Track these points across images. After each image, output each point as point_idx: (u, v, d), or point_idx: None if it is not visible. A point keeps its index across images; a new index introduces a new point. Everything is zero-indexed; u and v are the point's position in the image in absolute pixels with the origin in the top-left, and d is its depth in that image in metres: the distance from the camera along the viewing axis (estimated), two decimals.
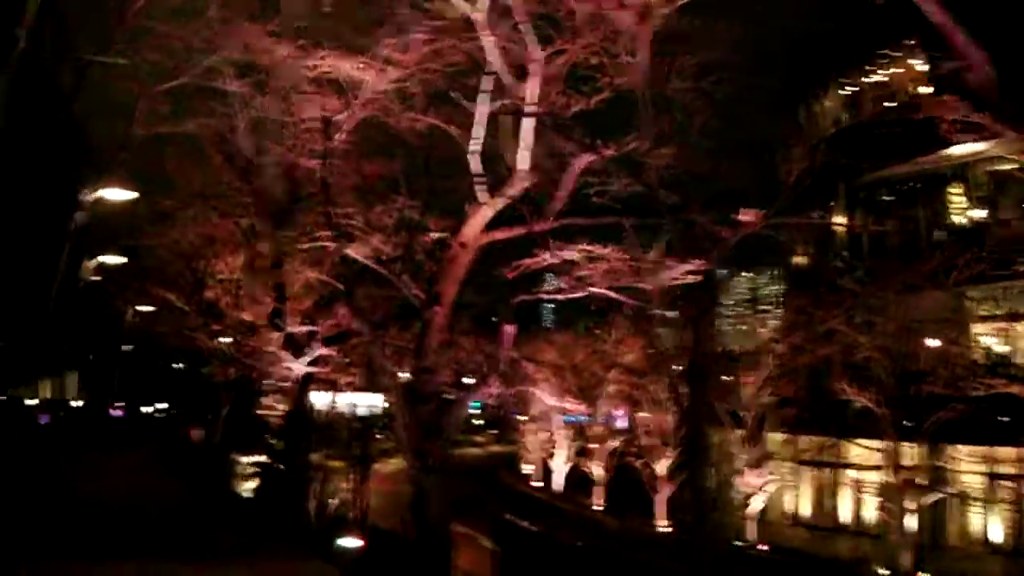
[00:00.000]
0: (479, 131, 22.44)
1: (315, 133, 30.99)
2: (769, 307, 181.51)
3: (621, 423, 70.64)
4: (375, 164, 32.21)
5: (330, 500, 35.52)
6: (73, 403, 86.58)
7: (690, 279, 24.84)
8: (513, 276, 25.56)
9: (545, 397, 25.84)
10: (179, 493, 36.54)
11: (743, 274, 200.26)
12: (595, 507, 62.96)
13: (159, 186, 44.93)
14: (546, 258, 24.68)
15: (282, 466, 38.98)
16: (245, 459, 40.86)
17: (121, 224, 47.85)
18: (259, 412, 48.78)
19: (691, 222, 25.34)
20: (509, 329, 23.84)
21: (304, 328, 31.90)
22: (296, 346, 32.29)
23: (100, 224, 47.92)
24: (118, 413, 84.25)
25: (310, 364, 32.00)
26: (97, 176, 35.31)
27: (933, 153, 51.81)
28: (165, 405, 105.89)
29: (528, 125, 22.35)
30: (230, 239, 47.69)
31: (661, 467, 55.47)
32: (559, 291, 25.05)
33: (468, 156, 22.29)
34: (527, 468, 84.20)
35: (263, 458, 40.72)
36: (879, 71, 64.02)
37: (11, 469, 35.45)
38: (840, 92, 66.90)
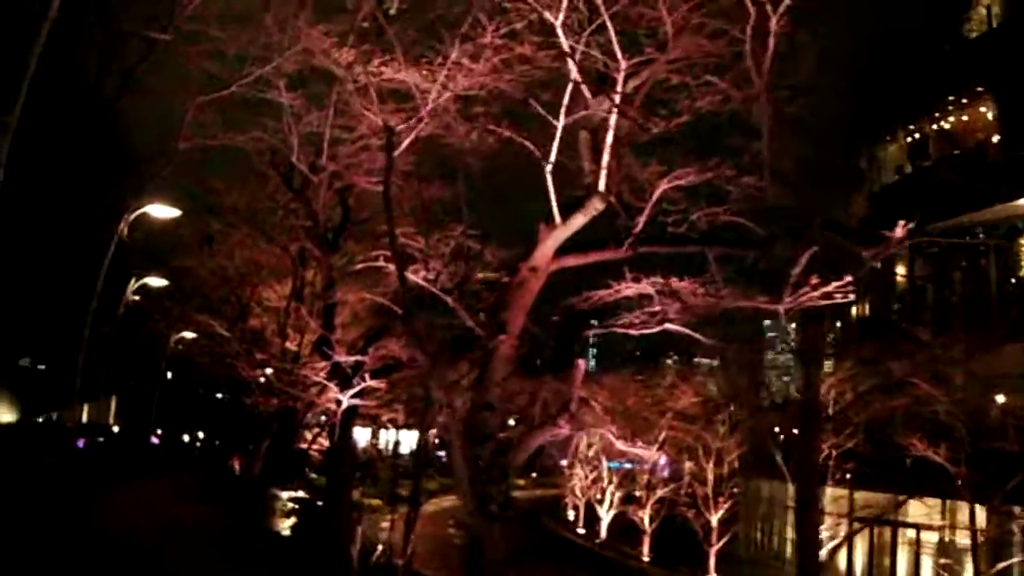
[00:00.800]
0: (554, 147, 20.21)
1: (372, 151, 29.20)
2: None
3: (665, 471, 68.33)
4: (433, 187, 30.21)
5: (374, 543, 33.35)
6: (113, 428, 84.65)
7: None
8: (580, 309, 23.31)
9: (618, 442, 23.22)
10: (215, 528, 34.17)
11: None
12: (643, 557, 60.08)
13: (205, 207, 43.36)
14: (619, 289, 22.40)
15: (321, 503, 36.91)
16: (285, 494, 38.66)
17: (165, 245, 46.26)
18: (300, 446, 46.88)
19: (778, 253, 22.83)
20: (581, 364, 21.52)
21: (351, 358, 29.67)
22: (342, 377, 30.09)
23: (143, 243, 46.36)
24: (156, 441, 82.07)
25: (355, 396, 29.72)
26: (140, 190, 33.60)
27: (1004, 203, 49.16)
28: (202, 434, 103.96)
29: (609, 141, 20.10)
30: (277, 265, 46.04)
31: (714, 518, 52.65)
32: (631, 325, 22.61)
33: (546, 173, 20.02)
34: (570, 513, 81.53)
35: (302, 494, 38.58)
36: (946, 118, 61.38)
37: (37, 499, 33.32)
38: (905, 139, 64.38)
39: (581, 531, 73.40)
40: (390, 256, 25.48)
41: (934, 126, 61.88)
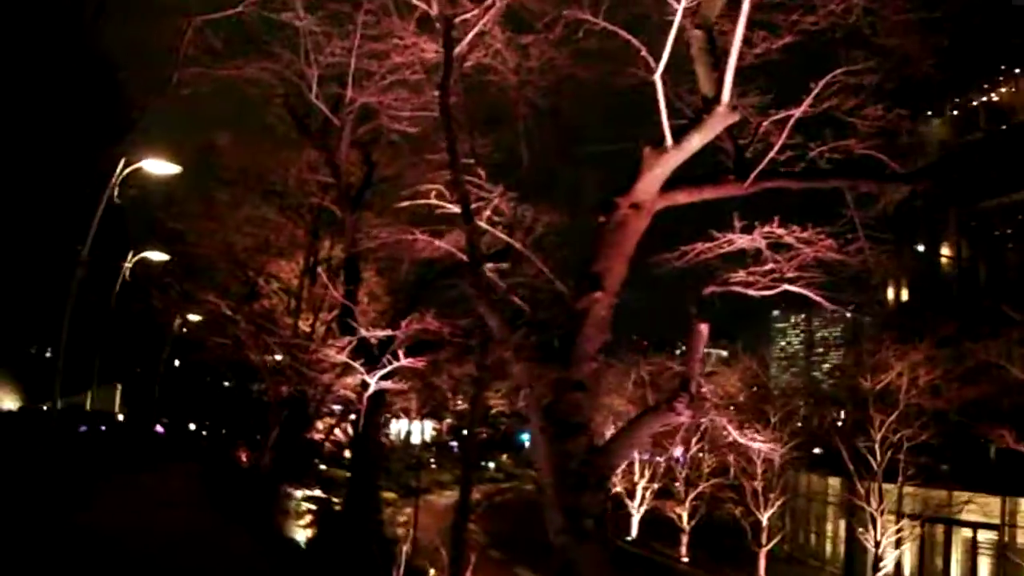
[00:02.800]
0: (670, 38, 14.56)
1: (407, 87, 23.70)
2: (822, 350, 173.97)
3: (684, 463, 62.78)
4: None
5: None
6: (119, 416, 79.55)
7: None
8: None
9: (732, 430, 17.42)
10: (218, 533, 28.24)
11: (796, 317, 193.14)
12: (682, 558, 54.24)
13: (207, 169, 37.85)
14: (730, 240, 16.94)
15: (337, 502, 31.40)
16: (299, 493, 32.93)
17: (164, 215, 40.55)
18: (313, 436, 41.39)
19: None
20: (704, 329, 15.78)
21: (380, 333, 23.92)
22: (369, 356, 24.35)
23: (141, 211, 41.02)
24: (160, 429, 76.62)
25: (385, 378, 23.98)
26: (130, 134, 28.07)
27: None
28: (209, 423, 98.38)
29: (738, 39, 14.38)
30: (288, 239, 40.62)
31: (764, 516, 46.98)
32: (749, 284, 16.95)
33: (655, 78, 14.28)
34: None
35: (319, 493, 32.86)
36: (994, 90, 55.87)
37: (23, 491, 27.79)
38: (950, 112, 58.78)
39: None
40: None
41: (983, 99, 56.43)
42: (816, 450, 52.95)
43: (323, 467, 55.12)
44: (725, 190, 16.34)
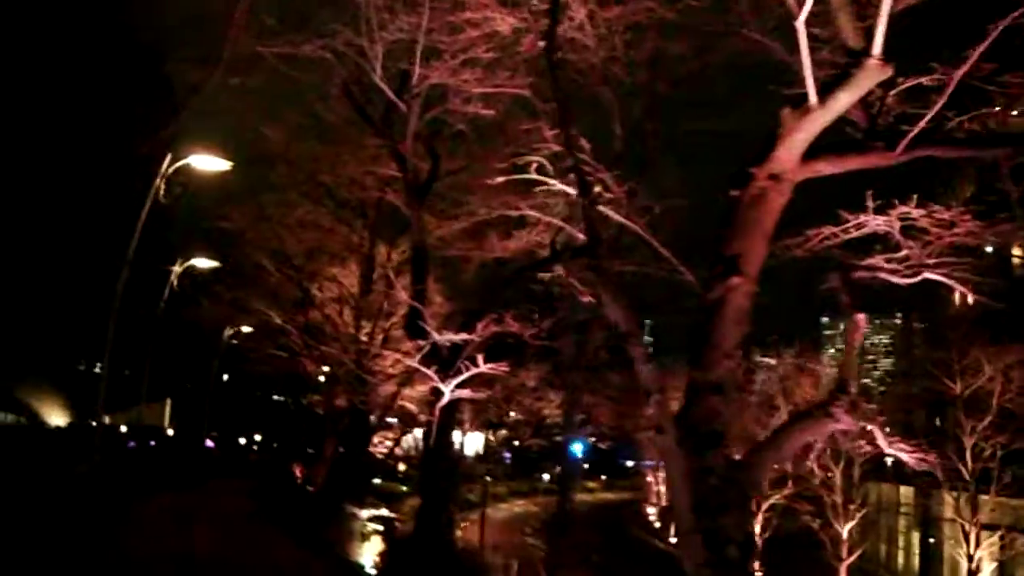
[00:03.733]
0: None
1: (478, 68, 21.31)
2: (872, 357, 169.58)
3: None
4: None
5: None
6: (168, 431, 77.95)
7: None
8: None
9: (880, 438, 14.66)
10: (281, 559, 25.62)
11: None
12: (756, 572, 51.22)
13: (259, 175, 35.78)
14: (863, 223, 14.38)
15: (397, 518, 28.95)
16: (364, 513, 30.42)
17: (213, 217, 38.39)
18: (373, 451, 39.08)
19: None
20: (861, 320, 13.17)
21: (455, 336, 21.39)
22: (442, 363, 21.84)
23: (186, 211, 39.03)
24: (210, 444, 74.75)
25: (461, 386, 21.49)
26: (176, 128, 25.93)
27: None
28: (259, 437, 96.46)
29: None
30: (343, 246, 38.38)
31: (844, 528, 43.96)
32: (894, 271, 14.35)
33: (796, 24, 11.73)
34: (652, 519, 73.22)
35: (385, 512, 30.35)
36: None
37: (58, 513, 25.60)
38: None
39: (673, 540, 64.49)
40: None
41: None
42: (888, 459, 49.92)
43: (376, 480, 52.83)
44: (871, 159, 13.77)
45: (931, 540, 50.85)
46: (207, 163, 26.82)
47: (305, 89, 25.94)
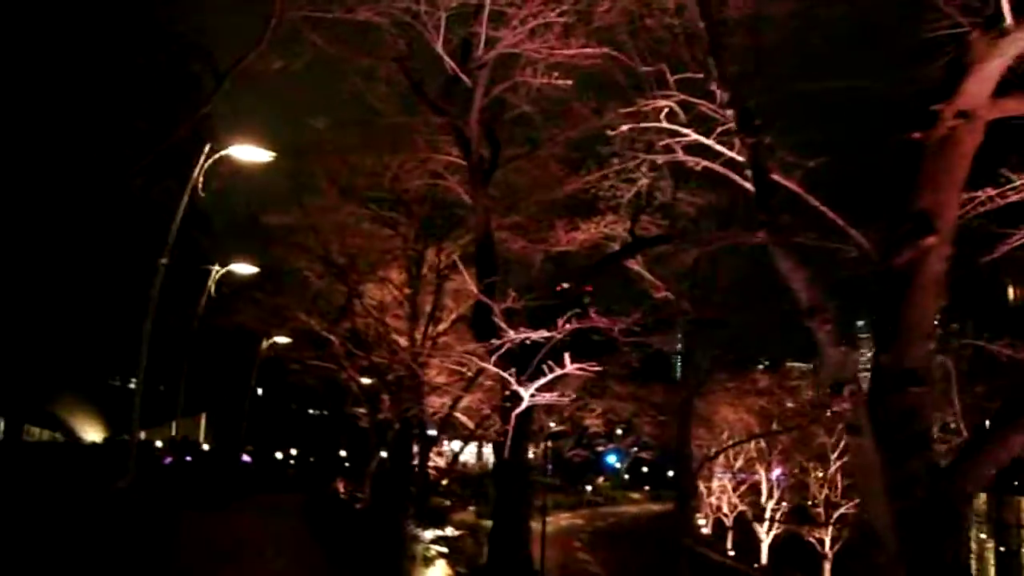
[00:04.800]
0: None
1: (550, 34, 18.80)
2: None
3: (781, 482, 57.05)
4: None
5: None
6: (204, 446, 75.89)
7: None
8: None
9: None
10: None
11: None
12: None
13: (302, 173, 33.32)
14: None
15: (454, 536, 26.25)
16: (427, 534, 27.65)
17: (253, 218, 35.94)
18: (429, 465, 36.52)
19: None
20: None
21: (533, 334, 18.74)
22: (516, 364, 19.21)
23: (224, 212, 36.69)
24: (247, 459, 72.53)
25: (543, 388, 18.87)
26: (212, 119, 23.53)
27: None
28: (295, 451, 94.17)
29: None
30: (387, 248, 35.90)
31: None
32: None
33: None
34: (704, 529, 70.10)
35: (451, 531, 27.63)
36: None
37: (88, 536, 23.14)
38: None
39: (732, 554, 61.35)
40: None
41: None
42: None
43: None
44: None
45: (1002, 548, 48.10)
46: (248, 154, 24.32)
47: (352, 74, 23.30)
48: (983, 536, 50.07)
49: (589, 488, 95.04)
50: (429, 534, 27.73)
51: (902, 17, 13.17)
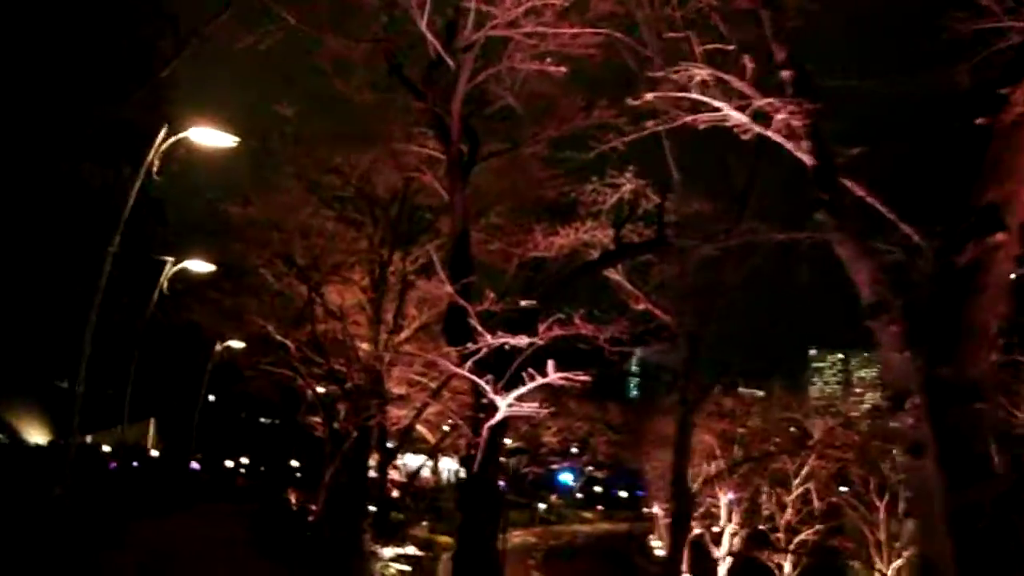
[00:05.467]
0: None
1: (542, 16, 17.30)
2: (860, 390, 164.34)
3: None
4: None
5: None
6: (152, 452, 73.46)
7: None
8: None
9: None
10: None
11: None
12: None
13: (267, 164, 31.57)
14: None
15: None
16: (387, 552, 25.79)
17: (211, 214, 33.95)
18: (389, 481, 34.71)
19: None
20: None
21: (512, 339, 17.04)
22: (492, 370, 17.49)
23: (180, 203, 34.85)
24: (196, 466, 70.19)
25: (521, 399, 17.22)
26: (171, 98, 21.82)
27: None
28: (246, 461, 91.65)
29: None
30: (352, 249, 34.19)
31: (890, 570, 39.53)
32: None
33: None
34: (659, 552, 68.50)
35: (412, 550, 25.74)
36: None
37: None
38: None
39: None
40: None
41: None
42: None
43: (372, 508, 48.32)
44: None
45: None
46: (209, 138, 22.47)
47: (325, 56, 21.66)
48: None
49: (542, 506, 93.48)
50: (389, 551, 25.87)
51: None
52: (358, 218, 34.13)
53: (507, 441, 60.98)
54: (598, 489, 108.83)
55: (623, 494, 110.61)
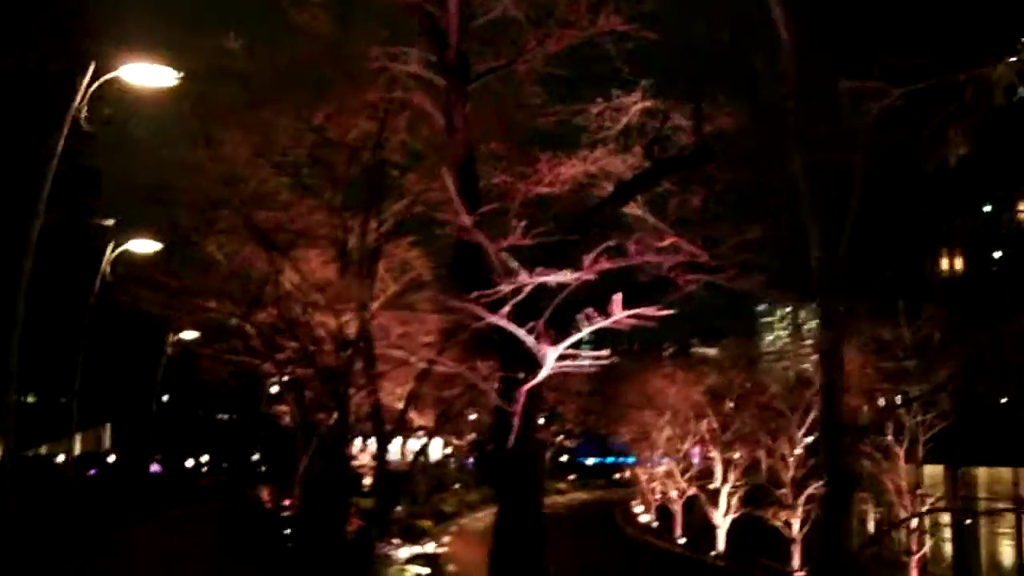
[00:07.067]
0: None
1: None
2: (811, 341, 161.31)
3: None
4: None
5: None
6: (109, 458, 68.97)
7: None
8: None
9: None
10: None
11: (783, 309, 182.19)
12: (796, 573, 43.00)
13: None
14: None
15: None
16: (402, 553, 21.75)
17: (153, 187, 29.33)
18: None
19: None
20: None
21: (550, 277, 13.18)
22: (523, 317, 13.59)
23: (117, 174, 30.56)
24: (157, 468, 65.76)
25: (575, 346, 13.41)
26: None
27: None
28: (206, 458, 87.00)
29: None
30: (310, 219, 30.02)
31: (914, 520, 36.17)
32: None
33: None
34: (643, 517, 65.40)
35: (432, 548, 21.81)
36: None
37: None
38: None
39: (682, 541, 56.24)
40: None
41: None
42: None
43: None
44: None
45: None
46: (146, 75, 18.17)
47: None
48: None
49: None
50: (405, 553, 21.85)
51: None
52: (315, 183, 29.90)
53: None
54: (564, 458, 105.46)
55: (590, 462, 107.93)
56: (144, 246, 29.20)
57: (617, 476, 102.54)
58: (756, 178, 20.56)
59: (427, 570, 20.39)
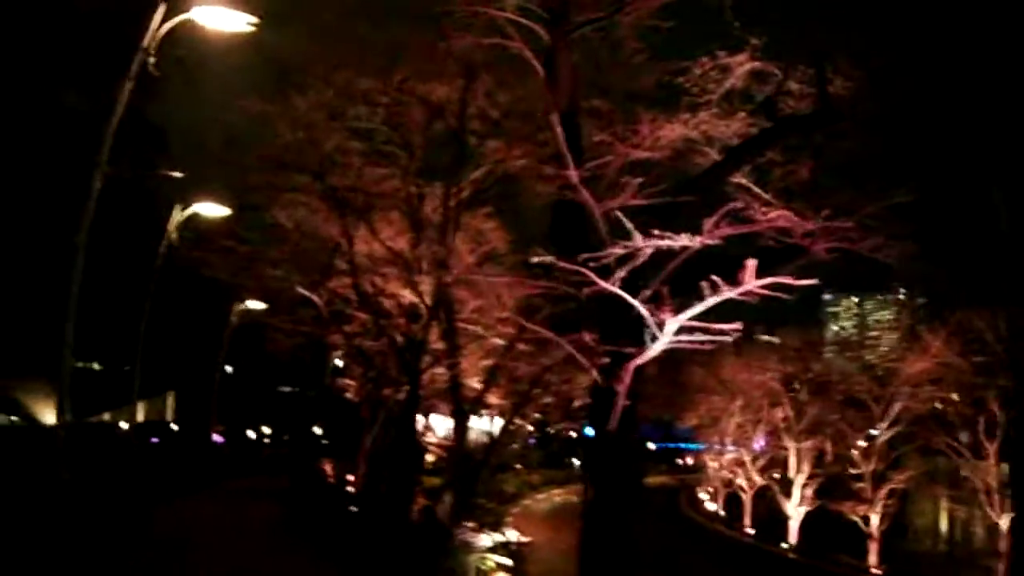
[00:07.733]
0: None
1: None
2: (876, 333, 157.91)
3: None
4: None
5: None
6: (173, 427, 68.45)
7: None
8: None
9: None
10: None
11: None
12: (873, 569, 41.02)
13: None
14: None
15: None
16: (481, 540, 20.23)
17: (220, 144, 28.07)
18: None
19: None
20: None
21: (668, 241, 11.58)
22: (630, 287, 12.01)
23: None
24: (219, 439, 64.99)
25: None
26: None
27: None
28: (268, 430, 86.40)
29: None
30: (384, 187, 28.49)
31: (1003, 520, 34.04)
32: None
33: None
34: (709, 505, 63.64)
35: (514, 535, 20.34)
36: None
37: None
38: None
39: (750, 531, 54.38)
40: None
41: None
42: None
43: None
44: None
45: None
46: (220, 19, 16.73)
47: None
48: None
49: (577, 462, 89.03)
50: (484, 540, 20.27)
51: None
52: (391, 149, 28.41)
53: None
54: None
55: (652, 447, 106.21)
56: (212, 210, 27.80)
57: (679, 462, 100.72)
58: (881, 146, 18.62)
59: (510, 562, 18.79)
